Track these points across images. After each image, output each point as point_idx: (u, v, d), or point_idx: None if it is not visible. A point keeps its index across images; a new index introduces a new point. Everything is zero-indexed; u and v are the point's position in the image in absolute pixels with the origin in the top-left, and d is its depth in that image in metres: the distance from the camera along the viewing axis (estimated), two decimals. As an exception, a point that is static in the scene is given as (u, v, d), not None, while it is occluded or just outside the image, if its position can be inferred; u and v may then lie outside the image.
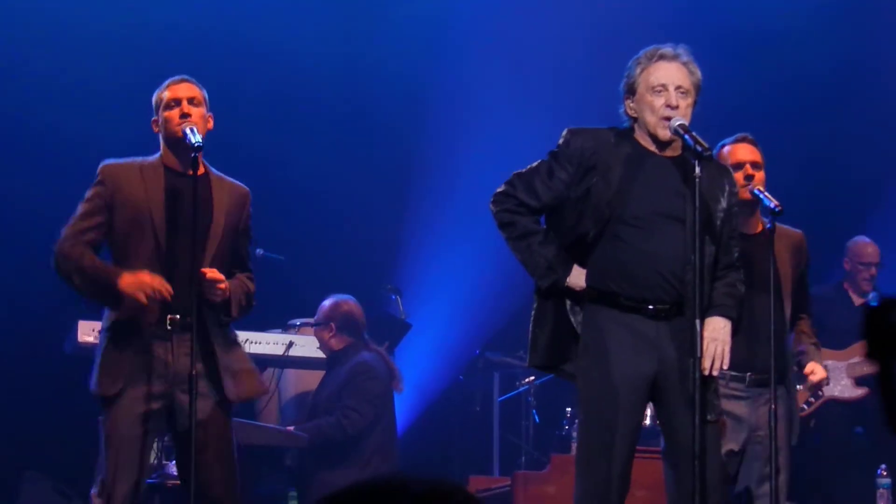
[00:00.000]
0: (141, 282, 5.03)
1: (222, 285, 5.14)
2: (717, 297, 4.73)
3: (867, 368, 7.92)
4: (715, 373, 4.67)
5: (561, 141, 4.73)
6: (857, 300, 8.44)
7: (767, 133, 8.93)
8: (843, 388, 8.03)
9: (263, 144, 9.19)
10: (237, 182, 5.40)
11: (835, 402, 8.01)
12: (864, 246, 8.44)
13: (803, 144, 9.43)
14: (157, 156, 5.28)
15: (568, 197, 4.66)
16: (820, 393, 7.81)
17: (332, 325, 7.84)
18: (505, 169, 4.65)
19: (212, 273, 5.13)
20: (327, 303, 7.94)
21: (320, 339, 7.89)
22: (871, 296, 8.29)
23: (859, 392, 8.05)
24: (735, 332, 4.79)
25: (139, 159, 5.28)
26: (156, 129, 5.30)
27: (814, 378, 5.78)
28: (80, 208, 5.23)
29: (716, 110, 4.93)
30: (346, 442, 7.66)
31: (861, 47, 9.59)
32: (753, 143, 5.65)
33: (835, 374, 7.92)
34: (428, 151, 9.63)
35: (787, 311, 5.62)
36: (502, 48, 9.50)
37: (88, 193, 5.25)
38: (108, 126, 8.09)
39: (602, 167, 4.65)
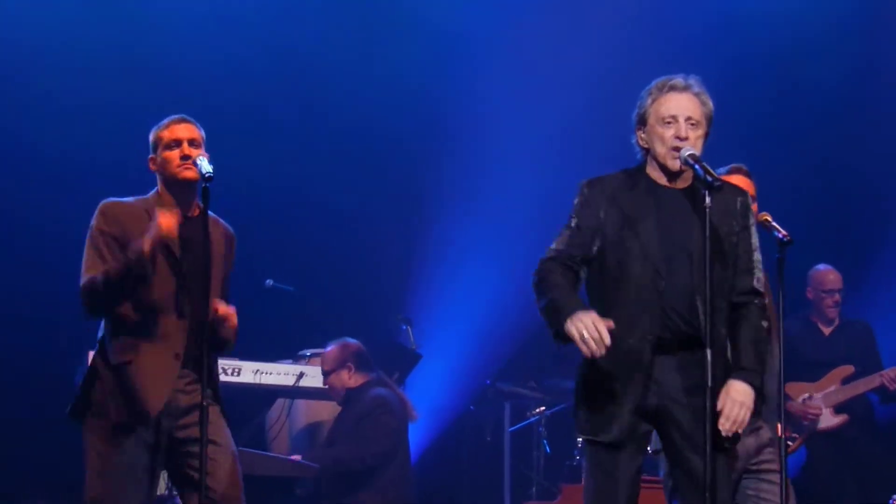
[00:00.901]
0: (161, 218, 5.04)
1: (233, 321, 5.20)
2: (745, 357, 4.67)
3: (843, 395, 8.06)
4: (730, 433, 4.66)
5: (578, 196, 4.76)
6: (826, 330, 8.44)
7: (777, 148, 8.99)
8: (822, 418, 8.07)
9: (273, 174, 9.19)
10: (225, 223, 5.43)
11: (818, 435, 8.05)
12: (825, 273, 8.44)
13: (813, 158, 9.40)
14: (153, 194, 5.30)
15: (604, 237, 4.69)
16: (805, 425, 7.86)
17: (350, 364, 7.88)
18: (517, 199, 4.64)
19: (224, 309, 5.18)
20: (333, 348, 7.98)
21: (338, 384, 7.91)
22: None
23: (838, 420, 8.10)
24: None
25: (139, 199, 5.29)
26: (153, 168, 5.30)
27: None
28: (90, 252, 5.22)
29: (724, 128, 4.90)
30: (361, 472, 7.69)
31: (873, 56, 9.52)
32: (747, 174, 5.66)
33: (813, 405, 7.99)
34: (439, 180, 9.65)
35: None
36: (517, 74, 9.48)
37: (92, 233, 5.23)
38: (122, 152, 8.08)
39: (614, 209, 4.68)
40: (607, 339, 4.43)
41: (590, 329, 4.42)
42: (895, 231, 9.30)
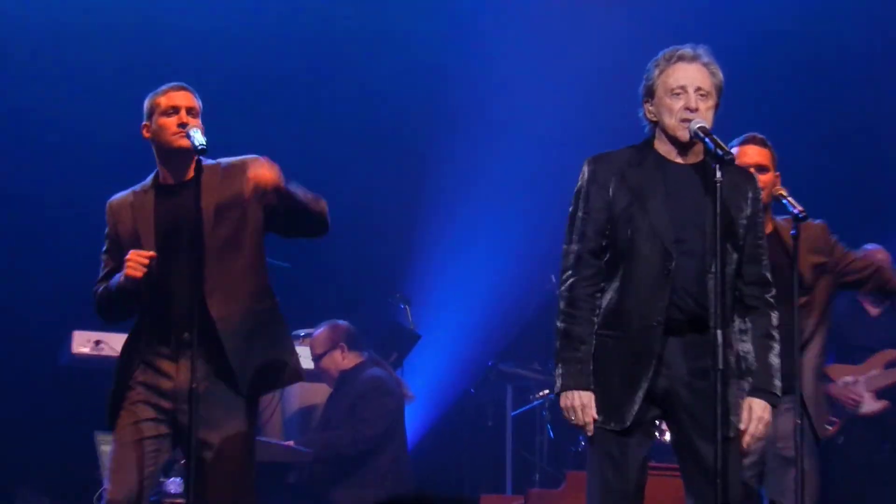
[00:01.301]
0: (127, 262, 5.11)
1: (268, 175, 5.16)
2: (763, 380, 4.72)
3: (886, 380, 8.01)
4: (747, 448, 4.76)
5: (583, 174, 4.79)
6: (873, 311, 8.47)
7: (791, 122, 9.00)
8: (863, 403, 8.09)
9: (268, 147, 9.22)
10: (235, 160, 5.36)
11: (858, 419, 8.08)
12: (874, 253, 8.45)
13: (831, 131, 9.37)
14: (150, 178, 5.35)
15: (613, 214, 4.72)
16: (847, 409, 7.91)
17: (343, 345, 7.95)
18: (522, 174, 4.68)
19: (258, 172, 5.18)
20: (323, 330, 8.02)
21: (332, 366, 7.94)
22: None
23: (879, 405, 8.09)
24: None
25: (137, 186, 5.36)
26: (146, 135, 5.33)
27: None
28: (102, 256, 5.38)
29: (736, 101, 4.97)
30: (357, 456, 7.73)
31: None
32: (762, 142, 5.70)
33: (855, 390, 8.00)
34: (442, 154, 9.66)
35: (813, 317, 5.70)
36: (523, 51, 9.50)
37: (104, 237, 5.40)
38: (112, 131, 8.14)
39: (623, 186, 4.71)
40: (590, 426, 4.65)
41: (577, 417, 4.66)
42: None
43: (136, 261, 5.10)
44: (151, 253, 5.14)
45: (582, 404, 4.66)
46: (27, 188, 8.65)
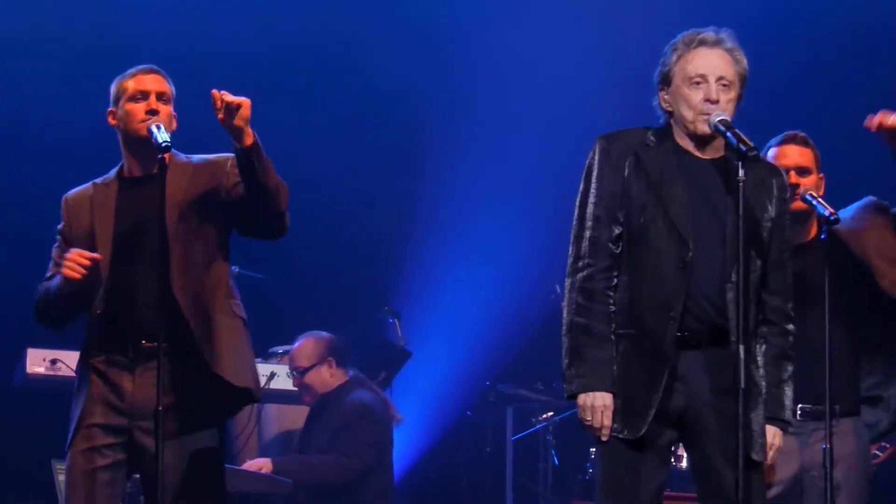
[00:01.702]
0: (65, 261, 5.00)
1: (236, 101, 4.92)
2: (770, 401, 4.67)
3: None
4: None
5: (596, 152, 4.68)
6: None
7: (830, 112, 8.89)
8: None
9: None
10: (208, 157, 5.24)
11: None
12: None
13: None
14: (114, 171, 5.24)
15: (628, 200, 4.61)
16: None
17: (331, 360, 7.82)
18: (517, 179, 4.57)
19: (231, 97, 4.93)
20: (308, 341, 7.91)
21: (318, 382, 7.86)
22: None
23: None
24: None
25: (99, 179, 5.24)
26: (112, 122, 5.20)
27: None
28: (52, 253, 5.28)
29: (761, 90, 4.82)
30: (341, 487, 7.63)
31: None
32: (803, 141, 5.53)
33: None
34: (434, 157, 9.65)
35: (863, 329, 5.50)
36: (507, 62, 9.55)
37: (57, 232, 5.31)
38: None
39: (639, 169, 4.61)
40: (607, 432, 4.56)
41: (596, 419, 4.56)
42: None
43: (76, 261, 4.96)
44: (96, 255, 5.00)
45: (604, 405, 4.56)
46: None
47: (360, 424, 7.69)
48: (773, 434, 4.65)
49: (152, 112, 5.07)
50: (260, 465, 7.60)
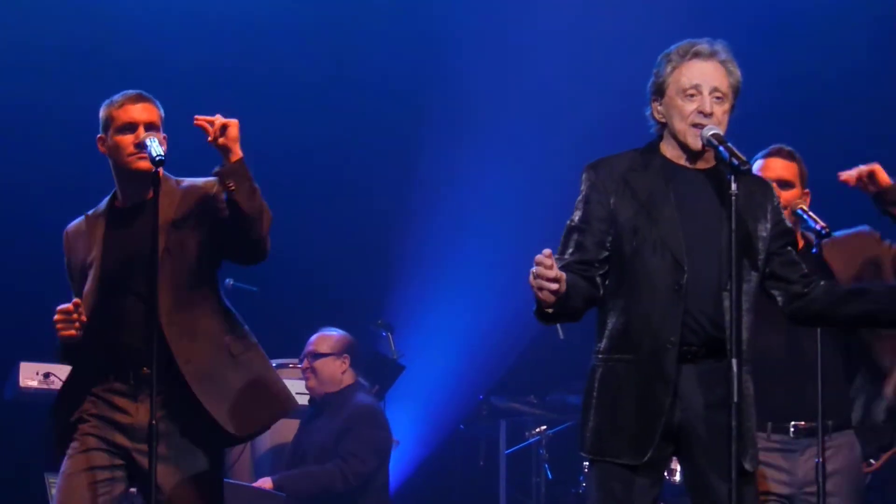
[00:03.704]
0: (56, 325, 5.03)
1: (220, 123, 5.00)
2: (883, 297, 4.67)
3: None
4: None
5: (583, 181, 4.69)
6: None
7: (816, 125, 8.90)
8: None
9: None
10: (197, 181, 5.26)
11: None
12: None
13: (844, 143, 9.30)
14: (106, 200, 5.28)
15: (617, 226, 4.61)
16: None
17: (347, 357, 7.84)
18: (511, 192, 4.59)
19: (222, 120, 5.01)
20: (335, 333, 7.97)
21: (328, 373, 7.85)
22: None
23: None
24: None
25: (91, 211, 5.28)
26: (102, 150, 5.24)
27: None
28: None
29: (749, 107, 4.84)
30: (345, 494, 7.62)
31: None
32: (789, 155, 5.60)
33: None
34: (428, 169, 9.68)
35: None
36: (503, 78, 9.57)
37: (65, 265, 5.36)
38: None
39: (627, 193, 4.62)
40: (553, 274, 4.33)
41: (539, 272, 4.34)
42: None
43: (62, 321, 5.02)
44: (76, 301, 5.04)
45: (542, 266, 4.35)
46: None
47: (366, 428, 7.71)
48: None
49: (141, 146, 5.09)
50: (259, 484, 7.61)
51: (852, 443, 5.47)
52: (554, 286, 4.36)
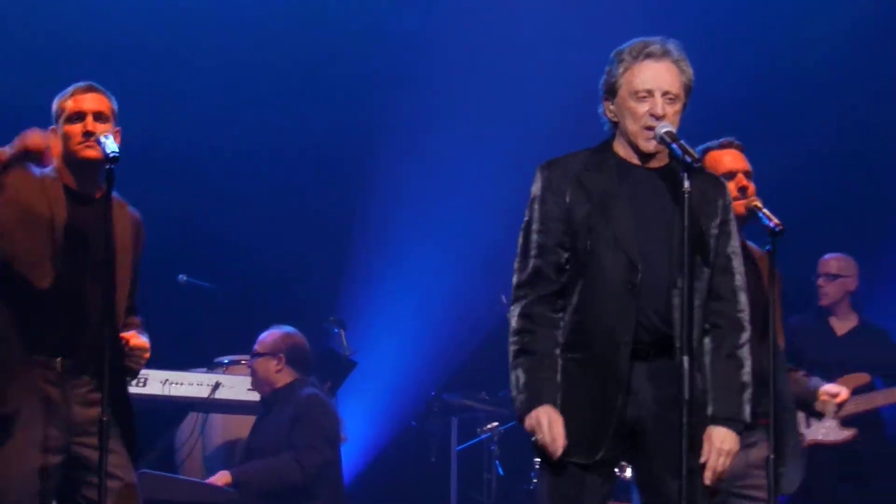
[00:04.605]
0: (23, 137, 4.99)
1: (146, 354, 5.15)
2: (725, 407, 4.61)
3: (855, 407, 7.72)
4: (714, 484, 4.63)
5: (536, 181, 4.69)
6: (840, 329, 8.36)
7: (761, 130, 8.97)
8: (827, 430, 7.90)
9: (186, 152, 9.15)
10: (133, 209, 5.34)
11: (819, 447, 7.83)
12: (827, 260, 8.29)
13: (804, 144, 9.37)
14: (51, 169, 5.19)
15: (572, 225, 4.62)
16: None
17: (282, 356, 7.81)
18: (465, 184, 4.61)
19: (135, 340, 5.12)
20: (275, 332, 7.93)
21: (262, 372, 7.83)
22: None
23: (846, 434, 7.93)
24: None
25: (36, 170, 5.16)
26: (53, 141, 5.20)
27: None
28: None
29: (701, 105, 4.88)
30: (301, 485, 7.59)
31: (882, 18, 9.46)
32: (741, 148, 5.64)
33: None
34: (378, 160, 9.66)
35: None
36: (465, 80, 9.59)
37: None
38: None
39: (581, 193, 4.62)
40: (560, 444, 4.48)
41: (545, 433, 4.49)
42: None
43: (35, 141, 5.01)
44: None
45: (549, 418, 4.51)
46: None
47: (314, 415, 7.69)
48: (721, 438, 4.58)
49: (88, 134, 5.09)
50: (217, 478, 7.59)
51: (770, 439, 5.48)
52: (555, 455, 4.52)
